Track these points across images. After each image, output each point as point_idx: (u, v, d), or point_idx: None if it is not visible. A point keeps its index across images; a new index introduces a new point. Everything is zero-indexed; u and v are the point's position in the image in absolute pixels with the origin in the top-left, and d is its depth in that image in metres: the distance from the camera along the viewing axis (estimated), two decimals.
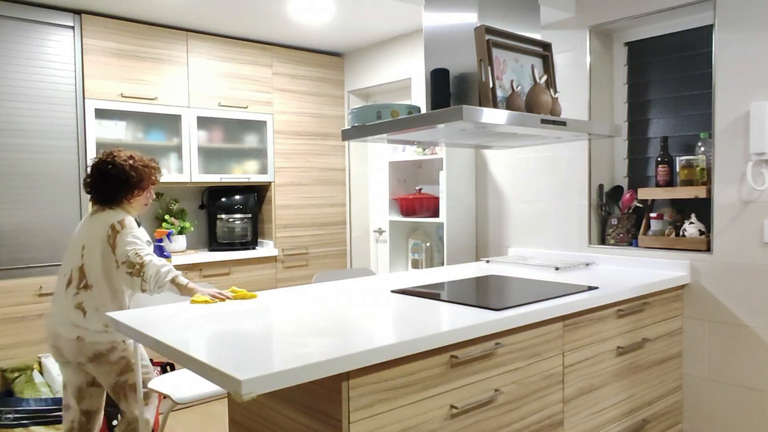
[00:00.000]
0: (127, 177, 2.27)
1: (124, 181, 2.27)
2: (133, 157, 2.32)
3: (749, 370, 2.44)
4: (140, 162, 2.32)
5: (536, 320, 1.87)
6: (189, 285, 2.12)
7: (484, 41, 2.16)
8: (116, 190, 2.28)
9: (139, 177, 2.30)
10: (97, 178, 2.29)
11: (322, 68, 4.33)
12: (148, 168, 2.33)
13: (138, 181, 2.30)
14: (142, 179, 2.31)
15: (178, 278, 2.12)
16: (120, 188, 2.28)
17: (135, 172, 2.29)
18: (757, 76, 2.37)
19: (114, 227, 2.19)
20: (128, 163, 2.29)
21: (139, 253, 2.13)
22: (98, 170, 2.29)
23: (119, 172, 2.27)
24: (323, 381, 1.44)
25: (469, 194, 3.48)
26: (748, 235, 2.42)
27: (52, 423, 2.89)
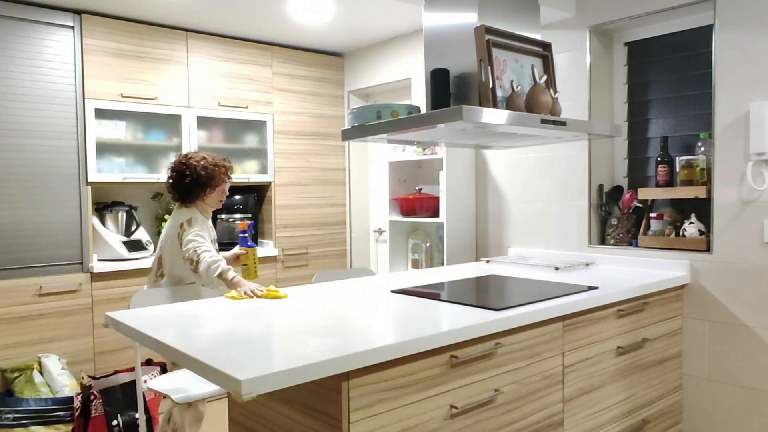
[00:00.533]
0: (198, 176, 2.49)
1: (196, 180, 2.49)
2: (206, 158, 2.53)
3: (749, 370, 2.44)
4: (212, 162, 2.53)
5: (536, 320, 1.87)
6: (234, 279, 2.24)
7: (484, 41, 2.16)
8: (190, 189, 2.51)
9: (209, 176, 2.50)
10: (175, 179, 2.52)
11: (322, 68, 4.33)
12: (218, 167, 2.53)
13: (209, 179, 2.51)
14: (213, 178, 2.51)
15: (225, 273, 2.26)
16: (193, 187, 2.50)
17: (206, 172, 2.50)
18: (757, 76, 2.37)
19: (182, 225, 2.43)
20: (200, 164, 2.50)
21: (197, 250, 2.33)
22: (175, 171, 2.53)
23: (192, 173, 2.49)
24: (323, 381, 1.44)
25: (469, 194, 3.48)
26: (748, 235, 2.42)
27: (52, 423, 2.89)
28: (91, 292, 3.31)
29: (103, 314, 3.35)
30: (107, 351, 3.36)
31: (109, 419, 2.95)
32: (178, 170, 2.51)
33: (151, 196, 3.93)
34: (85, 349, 3.29)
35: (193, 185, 2.50)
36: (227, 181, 2.58)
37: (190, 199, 2.53)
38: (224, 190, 2.59)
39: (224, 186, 2.58)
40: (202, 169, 2.49)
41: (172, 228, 2.48)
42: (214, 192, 2.55)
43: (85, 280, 3.29)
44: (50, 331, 3.18)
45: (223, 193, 2.59)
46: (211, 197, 2.56)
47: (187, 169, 2.50)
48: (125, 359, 3.41)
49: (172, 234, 2.47)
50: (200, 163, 2.50)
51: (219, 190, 2.56)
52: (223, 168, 2.55)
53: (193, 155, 2.54)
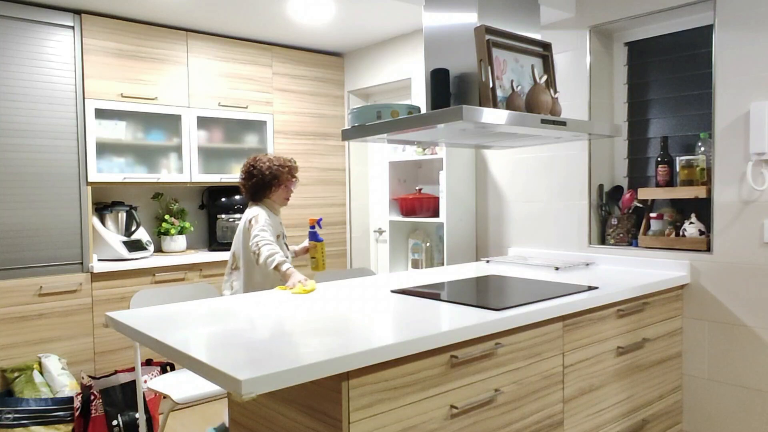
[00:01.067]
0: (263, 177, 2.71)
1: (262, 180, 2.72)
2: (271, 160, 2.75)
3: (749, 370, 2.44)
4: (276, 163, 2.74)
5: (536, 320, 1.87)
6: (288, 271, 2.43)
7: (484, 41, 2.16)
8: (257, 189, 2.74)
9: (274, 176, 2.72)
10: (244, 180, 2.77)
11: (322, 68, 4.33)
12: (283, 167, 2.74)
13: (273, 179, 2.72)
14: (278, 178, 2.72)
15: (280, 265, 2.44)
16: (260, 187, 2.73)
17: (270, 173, 2.72)
18: (757, 76, 2.37)
19: (250, 221, 2.63)
20: (266, 165, 2.72)
21: (258, 243, 2.52)
22: (245, 173, 2.76)
23: (258, 174, 2.72)
24: (323, 381, 1.44)
25: (469, 194, 3.48)
26: (748, 235, 2.42)
27: (52, 423, 2.89)
28: (91, 292, 3.31)
29: (103, 314, 3.35)
30: (107, 351, 3.36)
31: (109, 419, 2.95)
32: (247, 171, 2.76)
33: (151, 196, 3.93)
34: (85, 349, 3.29)
35: (260, 185, 2.73)
36: (292, 180, 2.79)
37: (258, 198, 2.76)
38: (289, 189, 2.80)
39: (289, 185, 2.78)
40: (267, 170, 2.71)
41: (242, 224, 2.71)
42: (279, 190, 2.76)
43: (85, 280, 3.29)
44: (50, 331, 3.19)
45: (289, 192, 2.80)
46: (277, 195, 2.77)
47: (255, 170, 2.73)
48: (125, 359, 3.41)
49: (243, 229, 2.70)
50: (266, 165, 2.72)
51: (284, 189, 2.77)
52: (286, 168, 2.75)
53: (261, 157, 2.76)
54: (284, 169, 2.75)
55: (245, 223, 2.68)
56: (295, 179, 2.82)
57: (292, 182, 2.80)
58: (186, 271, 3.61)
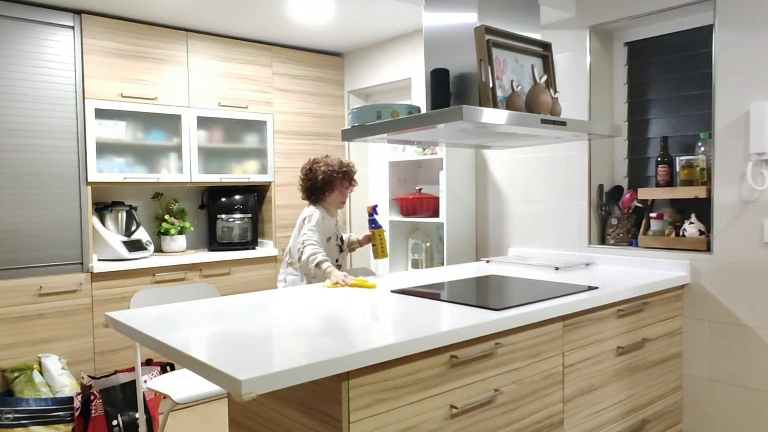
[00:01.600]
0: (317, 180, 2.80)
1: (315, 183, 2.81)
2: (329, 164, 2.82)
3: (749, 370, 2.44)
4: (333, 167, 2.81)
5: (536, 320, 1.87)
6: (327, 270, 2.52)
7: (484, 41, 2.16)
8: (313, 191, 2.84)
9: (328, 180, 2.80)
10: (302, 180, 2.87)
11: (322, 68, 4.33)
12: (338, 172, 2.81)
13: (327, 183, 2.80)
14: (332, 182, 2.80)
15: (320, 264, 2.55)
16: (315, 189, 2.83)
17: (325, 177, 2.79)
18: (757, 76, 2.37)
19: (304, 220, 2.76)
20: (322, 169, 2.80)
21: (304, 242, 2.64)
22: (303, 174, 2.87)
23: (314, 177, 2.81)
24: (323, 381, 1.44)
25: (469, 194, 3.48)
26: (748, 235, 2.42)
27: (52, 423, 2.89)
28: (91, 292, 3.31)
29: (103, 314, 3.35)
30: (107, 351, 3.36)
31: (109, 419, 2.95)
32: (305, 174, 2.86)
33: (151, 196, 3.93)
34: (85, 349, 3.29)
35: (315, 188, 2.83)
36: (347, 185, 2.86)
37: (313, 199, 2.86)
38: (344, 193, 2.87)
39: (343, 189, 2.85)
40: (322, 174, 2.79)
41: (298, 222, 2.83)
42: (334, 194, 2.83)
43: (85, 280, 3.29)
44: (50, 331, 3.19)
45: (343, 196, 2.87)
46: (332, 198, 2.85)
47: (311, 173, 2.83)
48: (125, 359, 3.41)
49: (299, 225, 2.81)
50: (321, 168, 2.80)
51: (338, 193, 2.84)
52: (341, 174, 2.82)
53: (319, 160, 2.84)
54: (338, 174, 2.81)
55: (300, 222, 2.79)
56: (353, 184, 2.89)
57: (348, 187, 2.87)
58: (186, 271, 3.61)
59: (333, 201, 2.86)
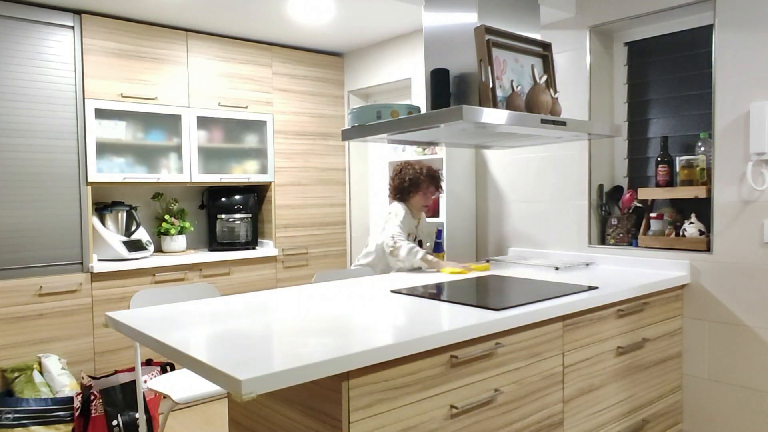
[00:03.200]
0: (404, 181, 2.99)
1: (402, 183, 3.00)
2: (417, 169, 2.99)
3: (749, 370, 2.44)
4: (419, 173, 2.98)
5: (536, 320, 1.87)
6: (432, 260, 2.76)
7: (484, 41, 2.16)
8: (399, 190, 3.02)
9: (413, 183, 2.98)
10: (392, 179, 3.06)
11: (322, 68, 4.33)
12: (425, 177, 2.98)
13: (412, 185, 2.98)
14: (417, 186, 2.98)
15: (425, 256, 2.76)
16: (401, 189, 3.01)
17: (411, 179, 2.98)
18: (757, 76, 2.37)
19: (390, 213, 2.96)
20: (410, 172, 2.99)
21: (395, 237, 2.82)
22: (394, 174, 3.05)
23: (402, 177, 3.01)
24: (323, 381, 1.44)
25: (469, 194, 3.48)
26: (748, 235, 2.42)
27: (52, 423, 2.89)
28: (91, 292, 3.31)
29: (103, 314, 3.35)
30: (107, 351, 3.36)
31: (109, 419, 2.95)
32: (395, 173, 3.05)
33: (151, 196, 3.93)
34: (85, 349, 3.29)
35: (401, 188, 3.01)
36: (432, 189, 3.02)
37: (399, 198, 3.03)
38: (428, 198, 3.02)
39: (428, 194, 3.00)
40: (409, 177, 2.98)
41: (384, 214, 3.00)
42: (417, 197, 2.99)
43: (85, 280, 3.29)
44: (50, 331, 3.18)
45: (427, 200, 3.02)
46: (415, 200, 3.01)
47: (400, 173, 3.02)
48: (125, 359, 3.41)
49: (384, 218, 2.98)
50: (410, 171, 2.98)
51: (421, 196, 2.99)
52: (427, 179, 2.98)
53: (412, 163, 3.02)
54: (425, 179, 2.97)
55: (386, 216, 2.97)
56: (438, 190, 3.06)
57: (433, 192, 3.03)
58: (186, 271, 3.61)
59: (416, 203, 3.01)
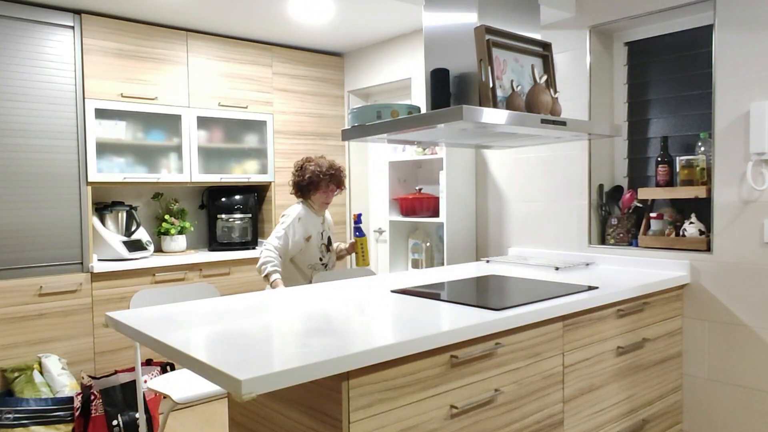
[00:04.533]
0: (303, 179, 2.86)
1: (302, 180, 2.88)
2: (319, 164, 2.86)
3: (749, 370, 2.44)
4: (321, 168, 2.85)
5: (536, 320, 1.87)
6: (274, 283, 2.65)
7: (484, 41, 2.17)
8: (298, 188, 2.91)
9: (312, 180, 2.85)
10: (293, 176, 2.93)
11: (322, 68, 4.33)
12: (324, 174, 2.85)
13: (311, 183, 2.86)
14: (318, 182, 2.85)
15: (270, 276, 2.67)
16: (300, 187, 2.90)
17: (311, 177, 2.84)
18: (757, 76, 2.37)
19: (282, 216, 2.87)
20: (310, 169, 2.85)
21: (267, 242, 2.77)
22: (294, 171, 2.93)
23: (301, 175, 2.88)
24: (323, 381, 1.44)
25: (469, 194, 3.48)
26: (748, 235, 2.42)
27: (52, 423, 2.89)
28: (91, 292, 3.31)
29: (103, 314, 3.35)
30: (107, 351, 3.36)
31: (109, 419, 2.95)
32: (295, 170, 2.93)
33: (151, 196, 3.93)
34: (85, 349, 3.29)
35: (300, 185, 2.89)
36: (333, 187, 2.90)
37: (300, 195, 2.93)
38: (328, 195, 2.91)
39: (329, 192, 2.89)
40: (309, 173, 2.85)
41: None
42: (318, 194, 2.89)
43: (85, 280, 3.29)
44: (50, 331, 3.19)
45: (328, 197, 2.91)
46: (316, 198, 2.90)
47: (301, 170, 2.89)
48: (125, 359, 3.42)
49: None
50: (310, 168, 2.86)
51: (322, 194, 2.89)
52: (327, 176, 2.86)
53: (313, 159, 2.90)
54: (325, 177, 2.85)
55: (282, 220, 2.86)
56: (339, 188, 2.94)
57: (334, 190, 2.92)
58: (186, 271, 3.61)
59: (317, 200, 2.91)
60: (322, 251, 2.94)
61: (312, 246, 2.88)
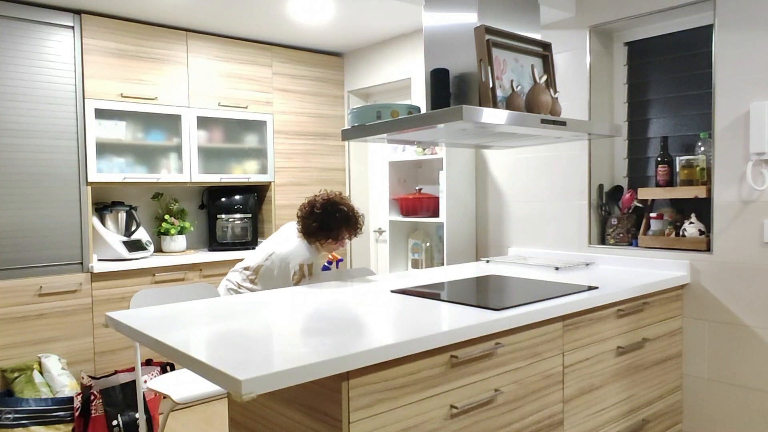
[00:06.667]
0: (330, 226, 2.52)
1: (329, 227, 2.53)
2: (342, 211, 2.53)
3: (749, 370, 2.44)
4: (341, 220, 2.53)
5: (536, 320, 1.87)
6: None
7: (484, 41, 2.16)
8: (313, 231, 2.55)
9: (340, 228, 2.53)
10: (311, 214, 2.55)
11: (322, 68, 4.33)
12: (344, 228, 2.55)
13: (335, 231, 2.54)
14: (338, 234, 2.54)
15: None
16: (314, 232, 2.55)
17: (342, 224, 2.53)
18: (757, 76, 2.37)
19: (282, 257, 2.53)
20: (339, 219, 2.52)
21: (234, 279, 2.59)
22: (310, 210, 2.55)
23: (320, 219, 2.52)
24: (323, 381, 1.44)
25: (469, 194, 3.48)
26: (748, 235, 2.42)
27: (52, 423, 2.89)
28: (91, 292, 3.31)
29: (103, 314, 3.35)
30: (107, 351, 3.36)
31: (109, 419, 2.95)
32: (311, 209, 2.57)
33: (151, 196, 3.93)
34: (85, 349, 3.29)
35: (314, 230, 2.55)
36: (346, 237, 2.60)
37: (313, 238, 2.58)
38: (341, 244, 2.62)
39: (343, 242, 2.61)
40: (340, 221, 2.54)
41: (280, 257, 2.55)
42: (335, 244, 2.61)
43: (85, 280, 3.29)
44: (50, 331, 3.19)
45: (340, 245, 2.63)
46: (327, 245, 2.62)
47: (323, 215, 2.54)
48: (125, 359, 3.41)
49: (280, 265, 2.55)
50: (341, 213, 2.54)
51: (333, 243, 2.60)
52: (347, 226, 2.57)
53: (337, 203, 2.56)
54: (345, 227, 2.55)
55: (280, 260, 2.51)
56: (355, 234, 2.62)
57: (347, 238, 2.62)
58: (186, 271, 3.61)
59: (328, 247, 2.62)
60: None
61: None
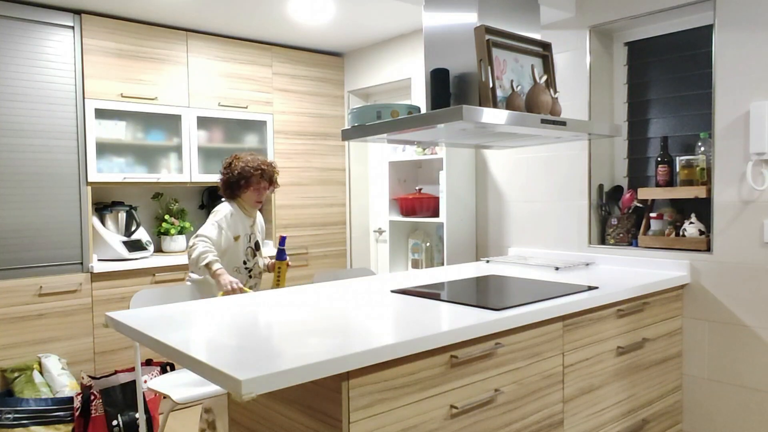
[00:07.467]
0: (233, 175, 2.75)
1: (231, 177, 2.76)
2: (249, 161, 2.75)
3: (749, 370, 2.44)
4: (253, 164, 2.74)
5: (536, 320, 1.87)
6: (218, 271, 2.49)
7: (484, 41, 2.17)
8: (227, 186, 2.79)
9: (243, 176, 2.73)
10: (221, 174, 2.81)
11: (322, 68, 4.33)
12: (256, 170, 2.74)
13: (242, 179, 2.73)
14: (247, 179, 2.73)
15: (211, 265, 2.51)
16: (230, 185, 2.78)
17: (241, 173, 2.73)
18: (757, 76, 2.37)
19: (212, 212, 2.74)
20: (240, 165, 2.74)
21: (198, 237, 2.59)
22: (222, 168, 2.81)
23: (230, 172, 2.76)
24: (323, 381, 1.44)
25: (469, 194, 3.48)
26: (748, 235, 2.42)
27: (52, 423, 2.89)
28: (91, 292, 3.31)
29: (103, 314, 3.35)
30: (107, 351, 3.36)
31: (109, 419, 2.95)
32: (224, 167, 2.80)
33: (151, 196, 3.93)
34: (85, 349, 3.29)
35: (229, 183, 2.77)
36: (265, 185, 2.79)
37: (229, 194, 2.80)
38: (260, 193, 2.79)
39: (260, 189, 2.78)
40: (239, 170, 2.73)
41: None
42: (249, 192, 2.77)
43: (85, 280, 3.29)
44: (50, 331, 3.19)
45: (260, 195, 2.80)
46: (247, 196, 2.79)
47: (230, 167, 2.77)
48: (125, 359, 3.42)
49: None
50: (240, 164, 2.74)
51: (253, 191, 2.77)
52: (259, 171, 2.75)
53: (241, 156, 2.79)
54: (257, 172, 2.73)
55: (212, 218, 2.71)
56: (272, 185, 2.82)
57: (266, 187, 2.80)
58: (186, 271, 3.61)
59: (248, 200, 2.80)
60: (248, 255, 2.83)
61: (239, 247, 2.77)
